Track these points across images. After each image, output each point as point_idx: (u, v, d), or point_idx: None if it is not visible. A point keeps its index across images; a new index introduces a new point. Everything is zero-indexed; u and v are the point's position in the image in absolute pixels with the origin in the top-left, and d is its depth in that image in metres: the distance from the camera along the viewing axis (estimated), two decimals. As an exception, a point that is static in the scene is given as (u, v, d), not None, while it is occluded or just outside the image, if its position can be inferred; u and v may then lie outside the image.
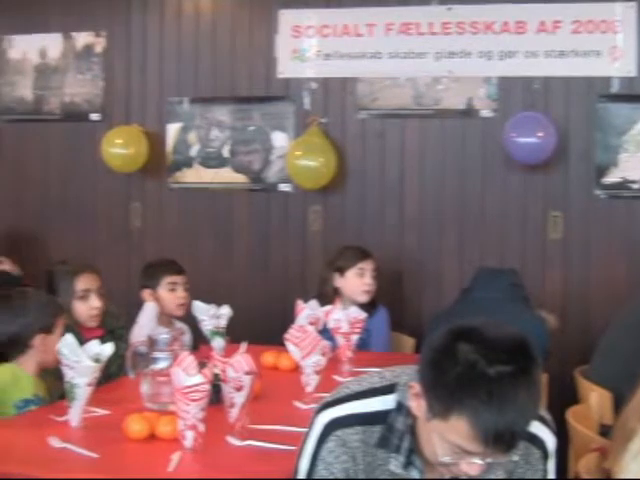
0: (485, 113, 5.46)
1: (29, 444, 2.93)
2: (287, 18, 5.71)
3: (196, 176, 5.90)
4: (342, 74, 5.64)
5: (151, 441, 2.96)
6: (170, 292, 4.69)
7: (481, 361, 1.95)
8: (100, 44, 6.02)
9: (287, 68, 5.72)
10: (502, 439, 1.95)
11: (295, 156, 5.52)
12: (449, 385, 1.97)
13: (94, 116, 6.08)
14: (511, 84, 5.41)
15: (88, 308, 4.21)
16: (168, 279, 4.70)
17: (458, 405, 1.95)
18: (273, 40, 5.75)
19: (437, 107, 5.52)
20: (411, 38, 5.51)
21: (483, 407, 1.93)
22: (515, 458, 2.15)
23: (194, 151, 5.89)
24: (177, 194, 5.97)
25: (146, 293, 4.67)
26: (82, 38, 6.06)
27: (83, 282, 4.23)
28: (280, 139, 5.73)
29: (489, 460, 2.02)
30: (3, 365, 3.51)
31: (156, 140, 5.90)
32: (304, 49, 5.68)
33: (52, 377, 3.51)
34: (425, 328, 5.02)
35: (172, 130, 5.92)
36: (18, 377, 3.47)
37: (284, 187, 5.73)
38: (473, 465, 2.02)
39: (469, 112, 5.47)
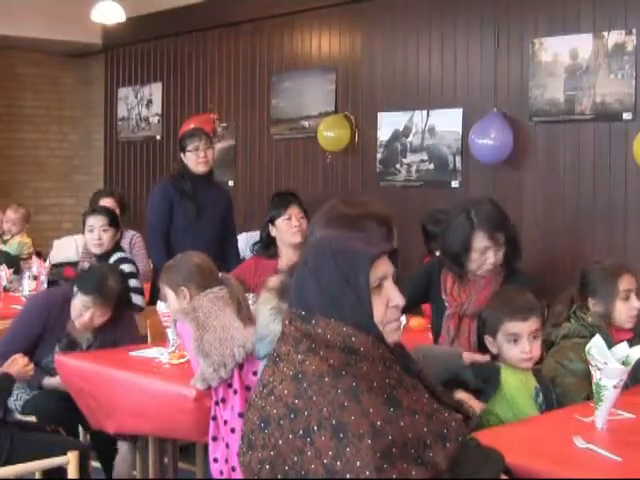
0: None
1: (555, 442, 3.00)
2: None
3: None
4: None
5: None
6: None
7: None
8: (631, 42, 5.94)
9: None
10: None
11: None
12: None
13: (626, 115, 6.01)
14: None
15: (628, 308, 4.17)
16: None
17: None
18: None
19: None
20: None
21: None
22: None
23: None
24: None
25: None
26: (613, 37, 6.02)
27: (625, 282, 4.19)
28: None
29: None
30: None
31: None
32: None
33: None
34: None
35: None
36: None
37: None
38: None
39: None
